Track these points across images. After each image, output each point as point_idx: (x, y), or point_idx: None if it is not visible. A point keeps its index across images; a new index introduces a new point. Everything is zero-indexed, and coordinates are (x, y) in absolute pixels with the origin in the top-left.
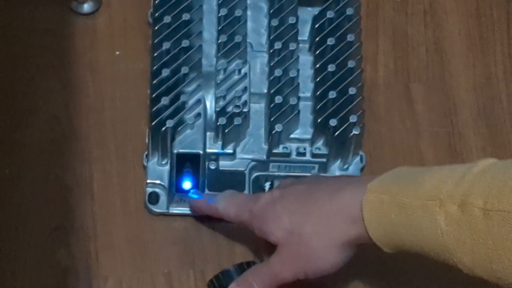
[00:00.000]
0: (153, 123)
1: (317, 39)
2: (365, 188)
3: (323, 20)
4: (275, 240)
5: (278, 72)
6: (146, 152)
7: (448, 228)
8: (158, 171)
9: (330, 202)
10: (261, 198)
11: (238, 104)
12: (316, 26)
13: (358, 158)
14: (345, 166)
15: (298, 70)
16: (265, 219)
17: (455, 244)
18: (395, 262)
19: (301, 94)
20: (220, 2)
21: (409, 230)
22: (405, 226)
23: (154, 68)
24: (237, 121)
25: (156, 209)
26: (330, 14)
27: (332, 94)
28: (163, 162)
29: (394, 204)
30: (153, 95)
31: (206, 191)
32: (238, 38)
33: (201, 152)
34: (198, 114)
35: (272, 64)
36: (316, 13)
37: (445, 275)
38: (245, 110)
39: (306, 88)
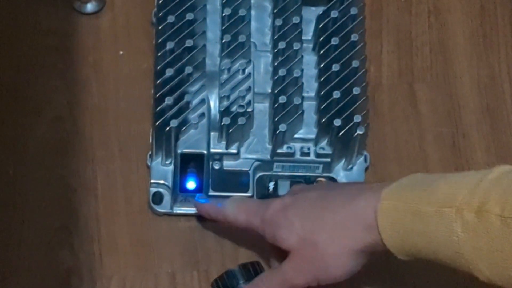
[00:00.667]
0: (157, 123)
1: (321, 38)
2: (380, 195)
3: (327, 19)
4: (288, 247)
5: (282, 72)
6: (150, 152)
7: (465, 235)
8: (162, 171)
9: (344, 209)
10: (272, 204)
11: (242, 104)
12: (320, 25)
13: (362, 158)
14: (349, 166)
15: (302, 70)
16: (277, 226)
17: (471, 251)
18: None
19: (305, 94)
20: (224, 1)
21: (424, 237)
22: (420, 233)
23: (158, 68)
24: (241, 121)
25: (160, 209)
26: (334, 13)
27: (336, 94)
28: (167, 162)
29: (409, 211)
30: (157, 95)
31: (210, 191)
32: (242, 38)
33: (205, 152)
34: (202, 114)
35: (276, 63)
36: (320, 12)
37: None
38: (249, 110)
39: (310, 88)
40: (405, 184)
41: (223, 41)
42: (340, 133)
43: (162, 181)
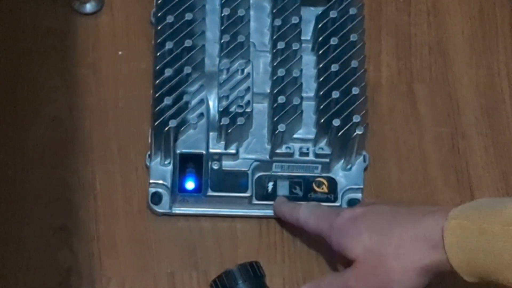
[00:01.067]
0: (156, 123)
1: (320, 38)
2: (448, 215)
3: (326, 19)
4: (353, 256)
5: (281, 72)
6: (149, 152)
7: None
8: (161, 171)
9: (413, 227)
10: (343, 213)
11: (241, 104)
12: (319, 25)
13: (361, 158)
14: (348, 166)
15: (301, 70)
16: (345, 234)
17: None
18: None
19: (304, 94)
20: (223, 1)
21: (490, 256)
22: (486, 252)
23: (157, 68)
24: (240, 121)
25: (159, 209)
26: (333, 13)
27: (335, 94)
28: (166, 162)
29: (475, 230)
30: (156, 95)
31: (209, 191)
32: (241, 38)
33: (204, 152)
34: (201, 114)
35: (275, 64)
36: (319, 12)
37: None
38: (248, 110)
39: (309, 88)
40: (473, 205)
41: (222, 41)
42: (339, 133)
43: (161, 181)
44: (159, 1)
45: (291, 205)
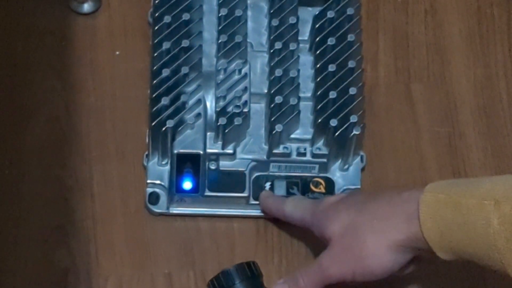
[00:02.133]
0: (153, 123)
1: (318, 39)
2: (424, 189)
3: (324, 20)
4: (330, 234)
5: (278, 72)
6: (146, 152)
7: (500, 228)
8: (158, 171)
9: (388, 202)
10: (324, 200)
11: (238, 104)
12: (317, 26)
13: (358, 158)
14: (346, 166)
15: (298, 70)
16: (325, 217)
17: (505, 244)
18: None
19: (301, 94)
20: (220, 2)
21: (463, 229)
22: (459, 225)
23: (154, 68)
24: (237, 121)
25: (156, 209)
26: (330, 14)
27: (332, 94)
28: (163, 162)
29: (450, 203)
30: (153, 95)
31: (206, 191)
32: (238, 38)
33: (201, 152)
34: (198, 114)
35: (272, 64)
36: (317, 13)
37: None
38: (245, 110)
39: (307, 88)
40: (450, 181)
41: (220, 41)
42: (337, 133)
43: (158, 181)
44: (157, 1)
45: (277, 199)
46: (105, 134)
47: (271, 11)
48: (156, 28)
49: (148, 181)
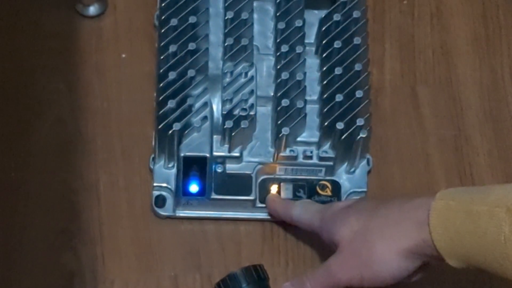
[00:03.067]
0: (159, 126)
1: (324, 42)
2: (435, 196)
3: (330, 23)
4: (339, 239)
5: (284, 75)
6: (152, 155)
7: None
8: (165, 174)
9: (399, 208)
10: (334, 205)
11: (244, 107)
12: (323, 29)
13: (364, 161)
14: (352, 169)
15: (304, 73)
16: (334, 221)
17: None
18: None
19: (307, 97)
20: (226, 5)
21: (474, 237)
22: (471, 233)
23: (161, 71)
24: (243, 124)
25: (162, 212)
26: (336, 17)
27: (339, 97)
28: (170, 165)
29: (461, 211)
30: (160, 98)
31: (213, 194)
32: (244, 41)
33: (207, 155)
34: (205, 117)
35: (278, 67)
36: (323, 16)
37: None
38: (252, 113)
39: (313, 91)
40: (461, 188)
41: (226, 44)
42: (343, 137)
43: (164, 184)
44: (163, 4)
45: (284, 202)
46: (111, 137)
47: (277, 14)
48: (162, 31)
49: (155, 184)
